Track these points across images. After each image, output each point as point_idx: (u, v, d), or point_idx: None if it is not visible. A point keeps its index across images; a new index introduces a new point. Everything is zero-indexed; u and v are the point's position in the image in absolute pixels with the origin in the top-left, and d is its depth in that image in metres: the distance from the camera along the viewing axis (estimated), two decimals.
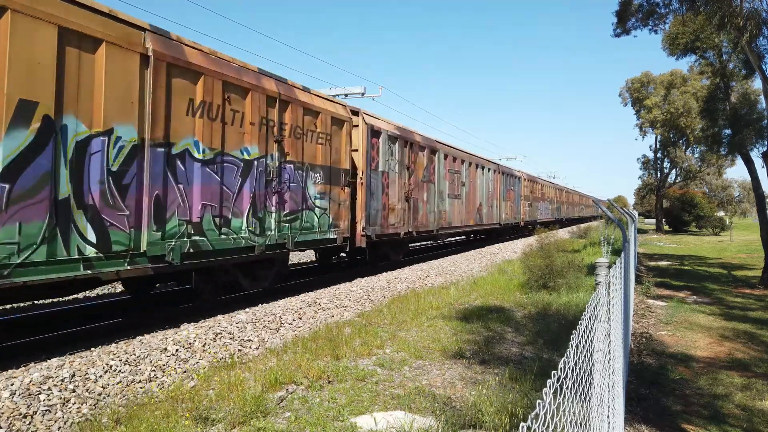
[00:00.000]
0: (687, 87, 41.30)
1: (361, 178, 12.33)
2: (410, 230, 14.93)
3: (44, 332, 7.03)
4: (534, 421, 1.47)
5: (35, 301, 9.77)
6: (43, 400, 4.54)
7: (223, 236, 8.04)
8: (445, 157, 18.21)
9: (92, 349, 5.95)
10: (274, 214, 9.18)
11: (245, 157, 8.50)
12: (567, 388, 1.85)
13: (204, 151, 7.68)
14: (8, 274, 5.26)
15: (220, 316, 7.72)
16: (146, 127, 6.75)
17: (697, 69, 30.80)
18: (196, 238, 7.52)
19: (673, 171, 54.57)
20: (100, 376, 5.13)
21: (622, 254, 5.07)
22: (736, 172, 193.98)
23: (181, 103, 7.33)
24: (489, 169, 23.83)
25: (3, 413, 4.24)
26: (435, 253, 19.71)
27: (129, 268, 6.55)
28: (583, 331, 2.30)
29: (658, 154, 53.32)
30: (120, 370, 5.34)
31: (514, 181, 28.56)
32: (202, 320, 7.48)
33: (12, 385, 4.62)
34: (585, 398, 2.35)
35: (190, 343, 6.27)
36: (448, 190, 18.42)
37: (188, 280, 8.39)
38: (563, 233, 31.52)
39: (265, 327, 7.38)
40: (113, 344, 6.15)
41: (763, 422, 5.32)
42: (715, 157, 40.85)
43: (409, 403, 4.72)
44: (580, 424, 2.16)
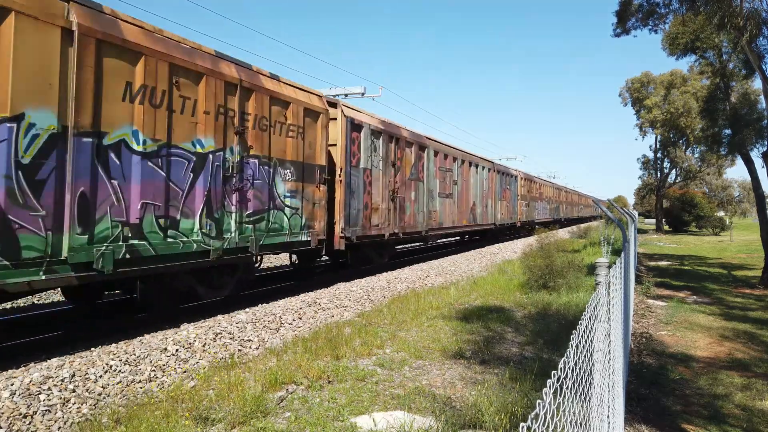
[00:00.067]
0: (687, 87, 41.31)
1: (340, 176, 11.50)
2: (396, 231, 14.09)
3: (44, 332, 7.02)
4: (534, 421, 1.47)
5: (36, 301, 9.77)
6: (43, 400, 4.54)
7: (169, 240, 7.11)
8: (436, 154, 17.43)
9: (92, 349, 5.95)
10: (234, 215, 8.26)
11: (198, 150, 7.58)
12: (567, 388, 1.85)
13: (145, 142, 6.75)
14: None
15: (220, 316, 7.73)
16: (69, 113, 5.84)
17: (697, 69, 30.81)
18: (135, 242, 6.59)
19: (673, 171, 54.62)
20: (100, 376, 5.13)
21: (622, 254, 5.07)
22: (736, 172, 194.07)
23: (116, 86, 6.39)
24: (483, 168, 23.12)
25: (3, 413, 4.24)
26: (435, 254, 19.71)
27: (45, 278, 5.63)
28: (583, 331, 2.30)
29: (658, 154, 53.35)
30: (120, 370, 5.34)
31: (511, 180, 27.91)
32: (202, 320, 7.48)
33: (12, 385, 4.62)
34: (585, 398, 2.35)
35: (190, 343, 6.27)
36: (439, 189, 17.67)
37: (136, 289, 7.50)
38: (563, 233, 31.52)
39: (265, 327, 7.38)
40: (113, 344, 6.15)
41: (763, 422, 5.32)
42: (715, 157, 40.84)
43: (409, 403, 4.72)
44: (580, 424, 2.16)
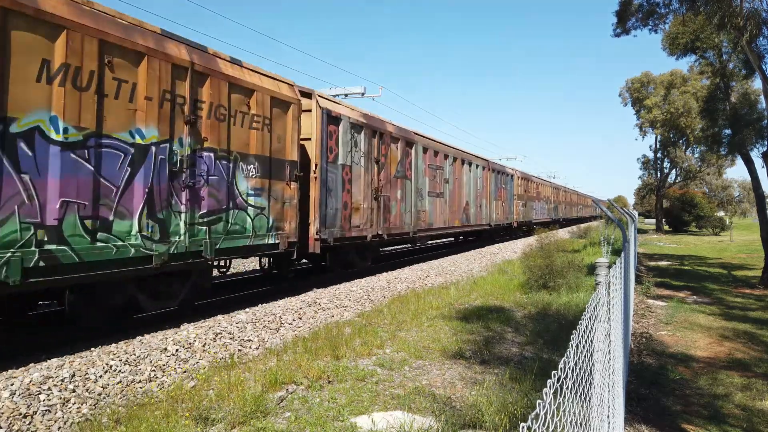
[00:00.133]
0: (687, 87, 41.32)
1: (315, 172, 10.58)
2: (380, 233, 13.16)
3: (44, 332, 7.02)
4: (534, 421, 1.47)
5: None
6: (43, 400, 4.54)
7: (99, 244, 6.19)
8: (425, 150, 16.57)
9: (92, 349, 5.95)
10: (183, 215, 7.36)
11: (137, 141, 6.65)
12: (567, 388, 1.85)
13: (67, 130, 5.82)
14: None
15: (220, 316, 7.73)
16: None
17: (697, 69, 30.81)
18: (52, 247, 5.66)
19: (673, 171, 54.64)
20: (100, 376, 5.13)
21: (622, 254, 5.07)
22: (736, 172, 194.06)
23: (28, 64, 5.53)
24: (477, 166, 22.27)
25: (3, 413, 4.24)
26: (435, 254, 19.70)
27: None
28: (583, 331, 2.30)
29: (658, 154, 53.36)
30: (120, 370, 5.34)
31: (506, 179, 27.14)
32: (202, 320, 7.48)
33: (12, 385, 4.62)
34: (585, 398, 2.35)
35: (190, 343, 6.28)
36: (429, 188, 16.81)
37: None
38: (563, 233, 31.52)
39: (265, 327, 7.38)
40: (113, 344, 6.15)
41: (763, 422, 5.33)
42: (715, 157, 40.85)
43: (409, 403, 4.72)
44: (580, 424, 2.16)
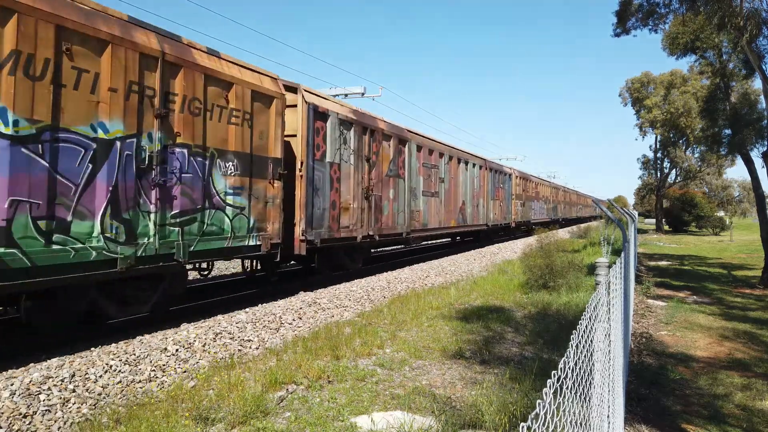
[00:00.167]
0: (687, 87, 41.32)
1: (301, 170, 10.10)
2: (371, 233, 12.67)
3: (44, 332, 7.01)
4: (534, 421, 1.47)
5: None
6: (43, 400, 4.54)
7: (56, 247, 5.77)
8: (419, 149, 16.08)
9: (92, 349, 5.95)
10: (153, 215, 6.91)
11: (100, 135, 6.16)
12: (567, 388, 1.85)
13: (17, 123, 5.39)
14: None
15: (220, 316, 7.73)
16: None
17: (697, 69, 30.84)
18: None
19: (673, 171, 54.64)
20: (100, 376, 5.13)
21: (622, 254, 5.08)
22: (736, 172, 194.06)
23: None
24: (474, 165, 21.72)
25: (3, 413, 4.24)
26: (434, 254, 19.70)
27: None
28: (583, 331, 2.30)
29: (658, 154, 53.37)
30: (120, 370, 5.34)
31: (504, 178, 26.65)
32: (202, 320, 7.48)
33: (12, 385, 4.62)
34: (585, 398, 2.35)
35: (190, 343, 6.28)
36: (423, 187, 16.34)
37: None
38: (563, 233, 31.52)
39: (265, 327, 7.38)
40: (113, 344, 6.15)
41: (763, 422, 5.32)
42: (715, 157, 40.85)
43: (409, 403, 4.72)
44: (580, 424, 2.16)
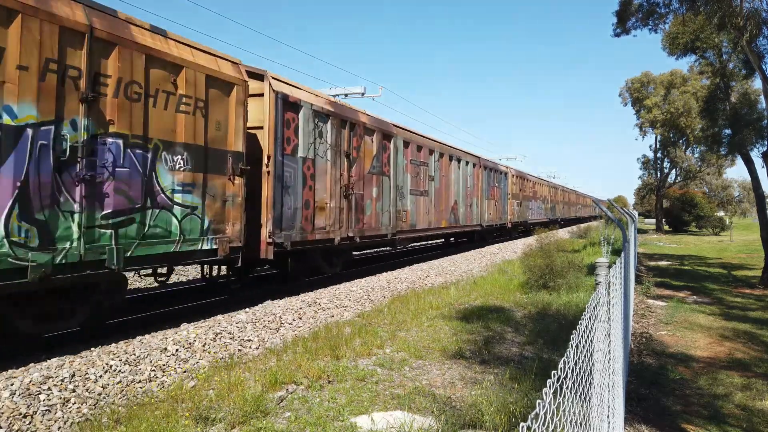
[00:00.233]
0: (687, 87, 41.33)
1: (268, 166, 9.21)
2: (351, 235, 11.81)
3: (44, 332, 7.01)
4: (534, 421, 1.47)
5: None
6: (43, 400, 4.54)
7: None
8: (406, 144, 15.17)
9: (92, 349, 5.95)
10: (77, 216, 6.06)
11: (5, 121, 5.39)
12: (567, 388, 1.85)
13: None
14: None
15: (220, 316, 7.73)
16: None
17: (697, 69, 30.84)
18: None
19: (673, 171, 54.65)
20: (100, 376, 5.13)
21: (622, 254, 5.08)
22: (736, 172, 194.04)
23: None
24: (467, 163, 20.85)
25: (3, 413, 4.25)
26: (434, 254, 19.70)
27: None
28: (583, 331, 2.30)
29: (658, 154, 53.37)
30: (120, 370, 5.34)
31: (500, 177, 25.70)
32: (202, 320, 7.48)
33: (12, 385, 4.62)
34: (585, 398, 2.35)
35: (190, 343, 6.28)
36: (411, 186, 15.46)
37: None
38: (563, 233, 31.51)
39: (265, 327, 7.38)
40: (113, 344, 6.15)
41: (763, 422, 5.33)
42: (715, 157, 40.84)
43: (409, 403, 4.72)
44: (580, 424, 2.16)
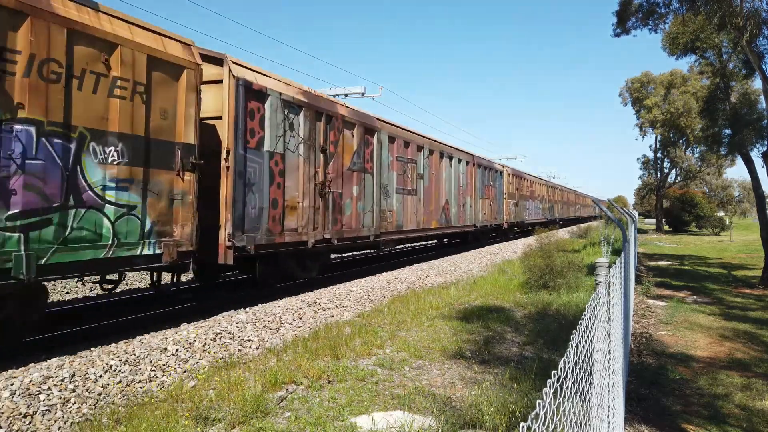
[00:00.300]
0: (687, 87, 41.31)
1: (227, 161, 8.34)
2: (327, 237, 10.90)
3: (44, 332, 7.02)
4: (534, 421, 1.47)
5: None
6: (43, 400, 4.54)
7: None
8: (392, 140, 14.24)
9: (92, 349, 5.95)
10: None
11: None
12: (567, 388, 1.85)
13: None
14: None
15: (220, 316, 7.73)
16: None
17: (697, 69, 30.84)
18: None
19: (673, 171, 54.66)
20: (100, 376, 5.14)
21: (622, 254, 5.08)
22: (736, 172, 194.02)
23: None
24: (460, 160, 19.99)
25: (3, 413, 4.25)
26: (434, 254, 19.70)
27: None
28: (583, 331, 2.30)
29: (658, 154, 53.38)
30: (120, 370, 5.34)
31: (495, 175, 24.80)
32: (202, 320, 7.48)
33: (12, 385, 4.62)
34: (585, 398, 2.35)
35: (190, 343, 6.28)
36: (397, 184, 14.53)
37: None
38: (563, 233, 31.52)
39: (265, 327, 7.38)
40: (113, 344, 6.15)
41: (763, 422, 5.33)
42: (715, 157, 40.84)
43: (409, 403, 4.72)
44: (580, 424, 2.16)
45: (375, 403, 4.74)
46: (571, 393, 1.93)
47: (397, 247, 16.93)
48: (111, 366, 5.35)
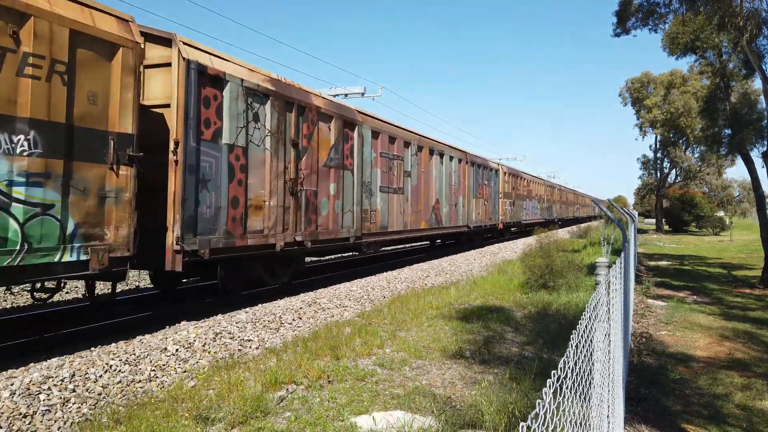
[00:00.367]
0: (687, 87, 41.31)
1: (176, 154, 7.38)
2: (300, 239, 9.92)
3: (45, 332, 7.02)
4: (534, 421, 1.47)
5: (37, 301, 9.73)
6: (43, 400, 4.54)
7: None
8: (375, 135, 13.22)
9: (92, 349, 5.95)
10: None
11: None
12: (567, 388, 1.85)
13: None
14: None
15: (220, 316, 7.73)
16: None
17: (697, 69, 30.85)
18: None
19: (673, 171, 54.66)
20: (100, 376, 5.14)
21: (622, 254, 5.08)
22: (736, 172, 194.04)
23: None
24: (452, 158, 19.01)
25: (3, 413, 4.25)
26: (434, 254, 19.70)
27: None
28: (583, 331, 2.30)
29: (658, 154, 53.39)
30: (120, 370, 5.34)
31: (490, 174, 23.83)
32: (202, 320, 7.48)
33: (12, 385, 4.62)
34: (585, 398, 2.35)
35: (190, 343, 6.28)
36: (381, 182, 13.54)
37: None
38: (563, 233, 31.52)
39: (265, 327, 7.38)
40: (113, 344, 6.15)
41: (763, 422, 5.33)
42: (715, 157, 40.82)
43: (409, 403, 4.72)
44: (580, 424, 2.16)
45: (375, 403, 4.74)
46: (571, 393, 1.93)
47: (382, 249, 15.74)
48: (111, 366, 5.35)
